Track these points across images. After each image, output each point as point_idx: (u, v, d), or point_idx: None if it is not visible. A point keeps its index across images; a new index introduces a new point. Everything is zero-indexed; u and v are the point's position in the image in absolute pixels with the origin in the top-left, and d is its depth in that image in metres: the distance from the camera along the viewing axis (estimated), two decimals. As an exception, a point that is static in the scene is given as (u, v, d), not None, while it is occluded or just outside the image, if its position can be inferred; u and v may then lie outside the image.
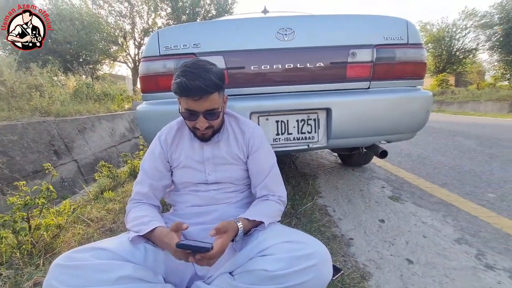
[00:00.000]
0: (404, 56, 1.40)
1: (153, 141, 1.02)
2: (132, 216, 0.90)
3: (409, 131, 1.49)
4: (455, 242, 1.23)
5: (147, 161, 1.00)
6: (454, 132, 4.55)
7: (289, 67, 1.36)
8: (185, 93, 0.81)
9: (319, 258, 0.71)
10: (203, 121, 0.87)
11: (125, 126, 5.03)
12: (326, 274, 0.72)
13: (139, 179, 0.98)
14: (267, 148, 1.02)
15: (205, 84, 0.80)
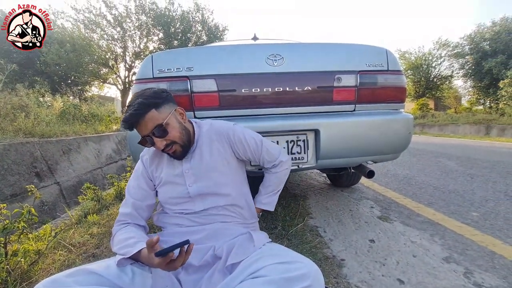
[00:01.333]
0: (385, 81, 1.50)
1: (137, 163, 1.06)
2: (118, 238, 0.88)
3: (394, 151, 1.55)
4: (444, 261, 1.25)
5: (131, 181, 1.02)
6: (436, 153, 4.72)
7: (279, 90, 1.42)
8: (126, 126, 0.90)
9: (312, 278, 0.71)
10: (158, 140, 0.91)
11: (112, 147, 4.93)
12: None
13: (124, 200, 1.00)
14: (248, 133, 1.08)
15: (135, 109, 0.88)
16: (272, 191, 1.15)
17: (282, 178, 1.15)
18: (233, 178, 1.04)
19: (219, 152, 1.02)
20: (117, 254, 0.82)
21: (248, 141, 1.07)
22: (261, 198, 1.14)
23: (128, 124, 0.88)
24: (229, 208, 1.02)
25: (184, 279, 0.86)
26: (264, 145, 1.09)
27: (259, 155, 1.09)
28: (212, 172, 0.99)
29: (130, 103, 0.90)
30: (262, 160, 1.11)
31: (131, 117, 0.87)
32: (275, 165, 1.12)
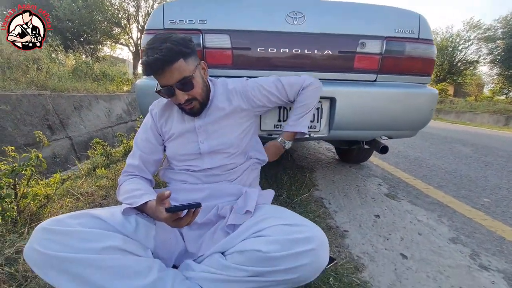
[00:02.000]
0: (413, 50, 1.37)
1: (146, 116, 1.02)
2: (124, 189, 0.87)
3: (412, 128, 1.47)
4: (450, 241, 1.22)
5: (140, 133, 0.99)
6: (451, 139, 4.56)
7: (296, 52, 1.33)
8: (149, 70, 0.80)
9: (317, 243, 0.68)
10: (180, 94, 0.85)
11: (122, 108, 4.95)
12: (323, 260, 0.69)
13: (132, 152, 0.97)
14: (263, 80, 1.06)
15: (163, 55, 0.78)
16: (300, 113, 1.09)
17: (311, 98, 1.09)
18: (245, 137, 1.01)
19: (233, 111, 0.98)
20: (122, 204, 0.82)
21: (267, 87, 1.04)
22: (288, 121, 1.12)
23: (153, 69, 0.80)
24: (236, 167, 0.99)
25: (187, 234, 0.86)
26: (284, 82, 1.07)
27: (285, 94, 1.07)
28: (225, 130, 0.96)
29: (152, 45, 0.80)
30: (289, 95, 1.08)
31: (157, 62, 0.78)
32: (303, 87, 1.09)
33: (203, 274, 0.75)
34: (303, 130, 1.10)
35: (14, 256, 0.93)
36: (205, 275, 0.75)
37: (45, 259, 0.63)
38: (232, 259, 0.74)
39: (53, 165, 2.81)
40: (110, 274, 0.66)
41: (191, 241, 0.84)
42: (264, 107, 1.06)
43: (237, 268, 0.71)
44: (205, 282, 0.74)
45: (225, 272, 0.72)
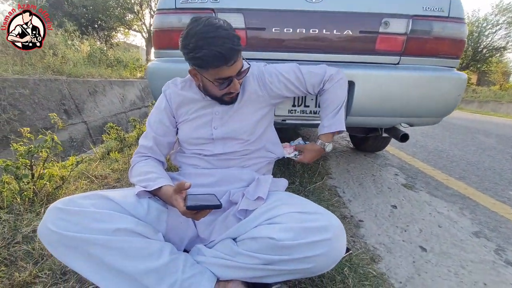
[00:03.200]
0: (442, 31, 1.26)
1: (159, 97, 0.97)
2: (138, 170, 0.86)
3: (436, 115, 1.38)
4: (473, 235, 1.16)
5: (153, 115, 0.95)
6: (473, 129, 4.34)
7: (314, 32, 1.25)
8: (221, 61, 0.73)
9: (334, 232, 0.65)
10: (237, 83, 0.82)
11: (136, 94, 4.99)
12: (339, 250, 0.65)
13: (145, 133, 0.95)
14: (282, 67, 0.98)
15: (233, 43, 0.73)
16: (333, 111, 0.98)
17: (339, 92, 0.99)
18: (260, 125, 0.97)
19: (249, 97, 0.94)
20: (135, 185, 0.81)
21: (286, 74, 0.97)
22: (322, 122, 1.01)
23: (227, 59, 0.72)
24: (249, 154, 0.96)
25: (199, 219, 0.84)
26: (303, 71, 0.98)
27: (303, 83, 0.98)
28: (240, 117, 0.92)
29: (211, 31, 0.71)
30: (308, 86, 0.99)
31: (233, 52, 0.72)
32: (326, 81, 0.99)
33: (214, 260, 0.73)
34: (341, 128, 0.98)
35: (31, 235, 0.95)
36: (216, 260, 0.73)
37: (58, 238, 0.63)
38: (244, 246, 0.72)
39: (70, 148, 2.89)
40: (122, 255, 0.66)
41: (203, 226, 0.83)
42: (281, 96, 0.99)
43: (249, 255, 0.69)
44: (216, 267, 0.73)
45: (236, 259, 0.70)
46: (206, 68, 0.76)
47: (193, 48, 0.72)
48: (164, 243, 0.74)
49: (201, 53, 0.72)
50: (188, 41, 0.73)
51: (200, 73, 0.80)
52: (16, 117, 2.43)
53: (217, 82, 0.79)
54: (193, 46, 0.72)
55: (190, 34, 0.73)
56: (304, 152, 1.04)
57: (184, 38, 0.74)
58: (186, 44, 0.74)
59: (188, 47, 0.74)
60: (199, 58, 0.73)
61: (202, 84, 0.84)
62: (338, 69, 1.02)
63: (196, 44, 0.72)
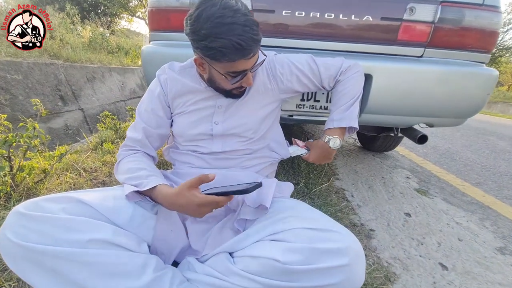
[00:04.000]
0: (474, 20, 1.11)
1: (152, 82, 0.84)
2: (126, 167, 0.74)
3: (461, 115, 1.24)
4: (497, 251, 1.04)
5: (144, 103, 0.82)
6: (484, 131, 4.19)
7: (329, 17, 1.11)
8: (239, 54, 0.61)
9: (353, 256, 0.53)
10: (251, 76, 0.69)
11: (136, 82, 4.85)
12: (359, 279, 0.54)
13: (134, 123, 0.81)
14: (295, 58, 0.85)
15: (253, 32, 0.60)
16: (345, 103, 0.84)
17: (354, 84, 0.85)
18: (265, 122, 0.85)
19: (258, 91, 0.82)
20: (124, 184, 0.69)
21: (299, 65, 0.84)
22: (331, 116, 0.86)
23: (243, 52, 0.60)
24: (250, 153, 0.84)
25: (191, 227, 0.73)
26: (318, 62, 0.86)
27: (318, 76, 0.86)
28: (245, 112, 0.80)
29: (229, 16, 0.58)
30: (322, 79, 0.86)
31: (252, 43, 0.60)
32: (343, 72, 0.86)
33: (206, 278, 0.62)
34: (353, 125, 0.83)
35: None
36: (208, 279, 0.61)
37: (17, 250, 0.52)
38: (241, 264, 0.60)
39: (65, 136, 2.77)
40: (95, 272, 0.54)
41: (195, 236, 0.71)
42: (291, 90, 0.86)
43: (247, 277, 0.57)
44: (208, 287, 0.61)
45: (232, 279, 0.59)
46: (219, 60, 0.62)
47: (206, 35, 0.59)
48: (149, 256, 0.62)
49: (217, 43, 0.59)
50: (199, 25, 0.59)
51: (210, 64, 0.66)
52: (7, 102, 2.31)
53: (229, 76, 0.67)
54: (206, 33, 0.59)
55: (203, 18, 0.59)
56: (311, 149, 0.91)
57: (195, 21, 0.60)
58: (196, 30, 0.60)
59: (199, 33, 0.60)
60: (213, 48, 0.60)
61: (209, 76, 0.71)
62: (356, 61, 0.89)
63: (210, 31, 0.58)
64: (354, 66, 0.88)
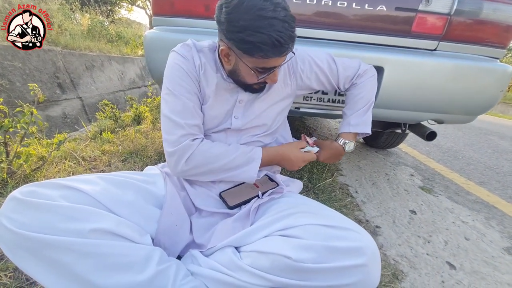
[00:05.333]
0: (492, 13, 1.07)
1: (175, 59, 0.70)
2: (213, 153, 0.68)
3: (472, 112, 1.21)
4: (505, 251, 1.02)
5: (177, 78, 0.68)
6: (485, 130, 4.17)
7: (342, 6, 1.06)
8: (276, 51, 0.57)
9: (369, 256, 0.50)
10: (277, 73, 0.67)
11: (136, 72, 4.77)
12: (375, 279, 0.51)
13: (181, 109, 0.67)
14: (316, 55, 0.82)
15: (292, 29, 0.57)
16: (362, 108, 0.84)
17: (370, 88, 0.86)
18: (279, 117, 0.82)
19: (277, 87, 0.78)
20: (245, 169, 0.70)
21: (319, 62, 0.81)
22: (348, 120, 0.85)
23: (279, 50, 0.57)
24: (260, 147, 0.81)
25: (196, 222, 0.70)
26: (338, 62, 0.84)
27: (336, 76, 0.84)
28: (263, 108, 0.77)
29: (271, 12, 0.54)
30: (340, 80, 0.85)
31: (290, 41, 0.57)
32: (359, 75, 0.86)
33: (211, 272, 0.59)
34: (368, 131, 0.84)
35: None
36: (213, 273, 0.59)
37: (15, 238, 0.48)
38: (249, 259, 0.57)
39: (63, 125, 2.72)
40: (97, 264, 0.51)
41: (200, 230, 0.69)
42: (308, 87, 0.84)
43: (254, 273, 0.54)
44: (213, 282, 0.58)
45: (238, 275, 0.56)
46: (253, 54, 0.58)
47: (244, 27, 0.55)
48: (152, 248, 0.59)
49: (256, 38, 0.54)
50: (238, 15, 0.55)
51: (239, 57, 0.61)
52: (4, 88, 2.26)
53: (257, 71, 0.62)
54: (245, 25, 0.55)
55: (243, 7, 0.54)
56: (321, 149, 0.86)
57: (233, 10, 0.55)
58: (234, 19, 0.56)
59: (236, 23, 0.55)
60: (250, 42, 0.55)
61: (234, 68, 0.65)
62: (371, 65, 0.89)
63: (250, 23, 0.54)
64: (370, 69, 0.88)
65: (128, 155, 1.45)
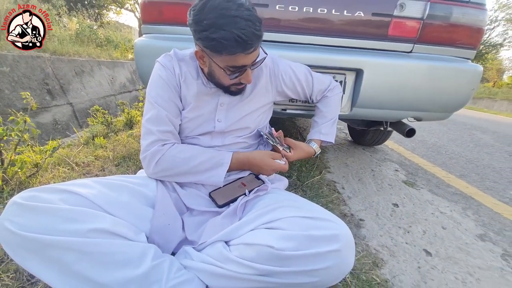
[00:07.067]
0: (462, 17, 1.15)
1: (157, 69, 0.77)
2: (181, 157, 0.73)
3: (447, 109, 1.29)
4: (478, 238, 1.10)
5: (156, 91, 0.75)
6: (469, 125, 4.33)
7: (322, 12, 1.12)
8: (240, 48, 0.61)
9: (344, 242, 0.56)
10: (250, 73, 0.70)
11: (126, 76, 4.76)
12: (349, 263, 0.57)
13: (154, 116, 0.73)
14: (296, 67, 0.92)
15: (256, 27, 0.61)
16: (330, 119, 0.97)
17: (336, 103, 1.00)
18: (261, 119, 0.88)
19: (260, 92, 0.85)
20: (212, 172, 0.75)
21: (298, 73, 0.91)
22: (319, 128, 0.96)
23: (244, 46, 0.61)
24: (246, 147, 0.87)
25: (188, 220, 0.75)
26: (314, 75, 0.95)
27: (311, 88, 0.96)
28: (245, 110, 0.82)
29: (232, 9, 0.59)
30: (314, 91, 0.97)
31: (253, 38, 0.61)
32: (331, 89, 0.99)
33: (202, 265, 0.64)
34: (332, 141, 0.97)
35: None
36: (204, 266, 0.63)
37: (17, 239, 0.52)
38: (238, 252, 0.62)
39: (54, 131, 2.72)
40: (96, 261, 0.55)
41: (192, 228, 0.73)
42: (285, 95, 0.94)
43: (242, 263, 0.59)
44: (204, 274, 0.63)
45: (227, 266, 0.61)
46: (219, 52, 0.63)
47: (208, 25, 0.60)
48: (147, 245, 0.64)
49: (218, 34, 0.59)
50: (203, 16, 0.60)
51: (210, 57, 0.67)
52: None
53: (228, 70, 0.67)
54: (209, 23, 0.60)
55: (207, 8, 0.60)
56: (294, 149, 0.89)
57: (199, 11, 0.61)
58: (199, 20, 0.61)
59: (201, 23, 0.61)
60: (214, 39, 0.60)
61: (209, 69, 0.71)
62: (338, 83, 1.05)
63: (213, 21, 0.59)
64: (338, 87, 1.03)
65: (121, 159, 1.48)
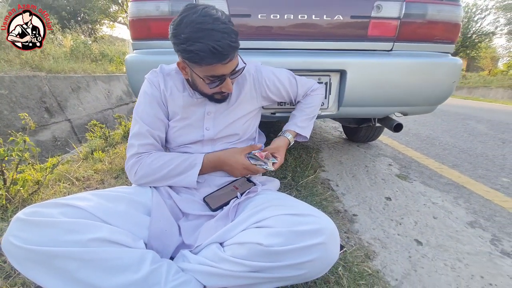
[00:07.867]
0: (437, 14, 1.20)
1: (144, 85, 0.85)
2: (157, 164, 0.79)
3: (431, 103, 1.33)
4: (468, 225, 1.14)
5: (141, 105, 0.82)
6: (464, 115, 4.37)
7: (302, 18, 1.17)
8: (216, 58, 0.66)
9: (327, 235, 0.60)
10: (230, 82, 0.75)
11: (122, 89, 4.82)
12: (333, 254, 0.61)
13: (136, 131, 0.81)
14: (279, 73, 0.98)
15: (231, 39, 0.66)
16: (309, 114, 1.03)
17: (316, 101, 1.06)
18: (249, 125, 0.93)
19: (245, 98, 0.90)
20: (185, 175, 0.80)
21: (282, 79, 0.97)
22: (296, 120, 1.01)
23: (219, 57, 0.66)
24: None
25: (184, 225, 0.79)
26: (297, 78, 1.01)
27: (295, 91, 1.02)
28: (232, 117, 0.87)
29: (208, 23, 0.64)
30: (298, 94, 1.04)
31: (229, 49, 0.66)
32: (314, 89, 1.07)
33: (199, 267, 0.68)
34: (307, 137, 1.03)
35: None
36: (201, 267, 0.67)
37: (23, 253, 0.56)
38: (230, 251, 0.66)
39: (54, 148, 2.77)
40: (97, 268, 0.59)
41: (188, 232, 0.77)
42: (271, 99, 0.99)
43: (235, 262, 0.63)
44: (201, 275, 0.67)
45: (222, 266, 0.65)
46: (198, 63, 0.68)
47: (186, 39, 0.65)
48: (145, 250, 0.68)
49: (195, 47, 0.64)
50: (181, 30, 0.65)
51: (191, 68, 0.72)
52: (-7, 117, 2.30)
53: (208, 80, 0.72)
54: (186, 37, 0.65)
55: (184, 23, 0.65)
56: (276, 152, 0.90)
57: (177, 26, 0.67)
58: (177, 34, 0.66)
59: (179, 37, 0.66)
60: (191, 51, 0.65)
61: (191, 79, 0.77)
62: (321, 85, 1.13)
63: (190, 35, 0.64)
64: (321, 89, 1.10)
65: (120, 171, 1.52)
